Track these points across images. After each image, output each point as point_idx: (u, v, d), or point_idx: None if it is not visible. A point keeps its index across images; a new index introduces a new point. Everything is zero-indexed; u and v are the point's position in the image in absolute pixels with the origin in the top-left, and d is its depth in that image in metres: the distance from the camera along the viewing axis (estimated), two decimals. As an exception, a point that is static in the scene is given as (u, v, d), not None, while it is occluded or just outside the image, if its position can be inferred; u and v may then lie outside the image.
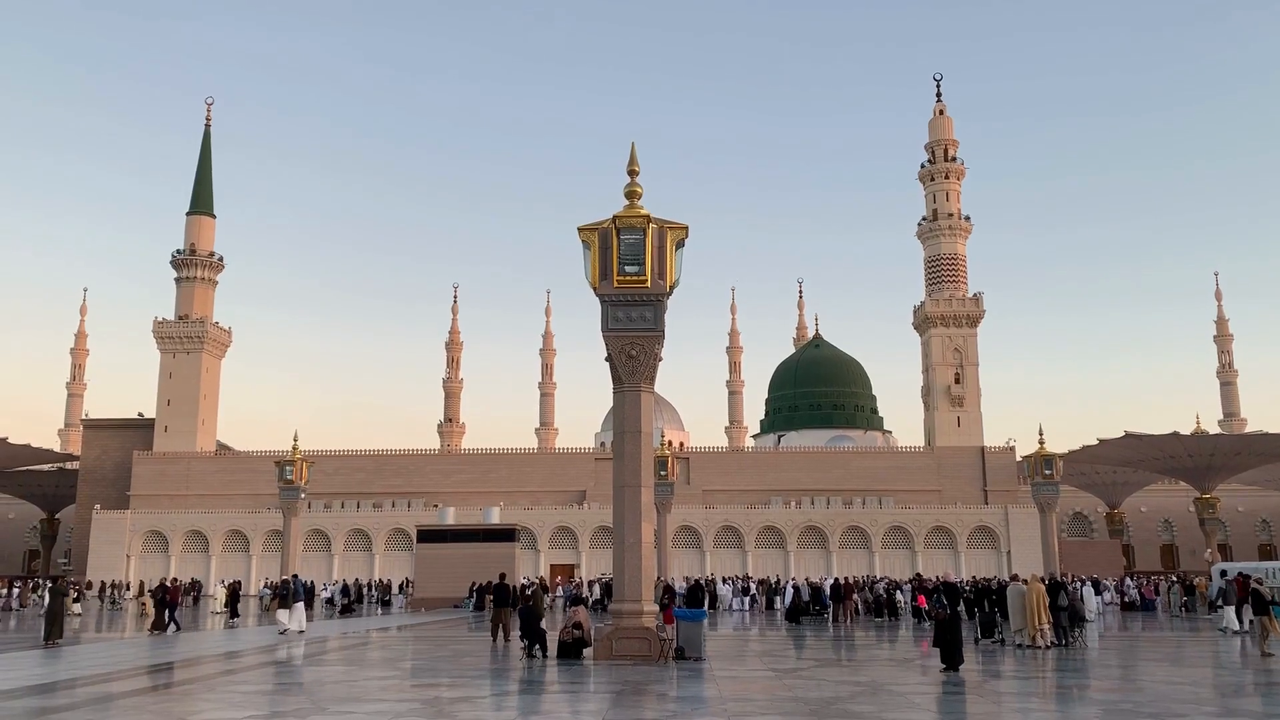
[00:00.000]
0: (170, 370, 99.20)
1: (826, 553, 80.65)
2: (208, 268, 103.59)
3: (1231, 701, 15.72)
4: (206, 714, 13.71)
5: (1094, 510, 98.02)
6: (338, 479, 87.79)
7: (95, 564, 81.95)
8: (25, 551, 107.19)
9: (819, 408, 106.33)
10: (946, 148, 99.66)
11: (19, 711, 13.98)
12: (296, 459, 52.41)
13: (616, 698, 15.22)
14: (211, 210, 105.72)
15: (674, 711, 14.18)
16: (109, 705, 15.09)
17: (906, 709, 14.13)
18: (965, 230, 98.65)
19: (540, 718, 13.94)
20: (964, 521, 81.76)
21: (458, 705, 14.59)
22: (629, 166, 22.94)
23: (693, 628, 21.93)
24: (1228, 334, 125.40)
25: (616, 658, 20.43)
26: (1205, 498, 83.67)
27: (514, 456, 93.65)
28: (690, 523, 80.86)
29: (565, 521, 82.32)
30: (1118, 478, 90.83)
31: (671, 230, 21.99)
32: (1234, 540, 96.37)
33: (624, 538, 21.56)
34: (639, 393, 21.93)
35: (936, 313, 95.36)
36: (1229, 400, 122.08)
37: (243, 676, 19.39)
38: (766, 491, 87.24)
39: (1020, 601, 25.36)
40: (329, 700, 14.87)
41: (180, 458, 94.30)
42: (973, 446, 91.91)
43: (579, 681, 17.80)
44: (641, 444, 21.78)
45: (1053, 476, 51.49)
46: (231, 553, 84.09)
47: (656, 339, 21.92)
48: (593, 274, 21.79)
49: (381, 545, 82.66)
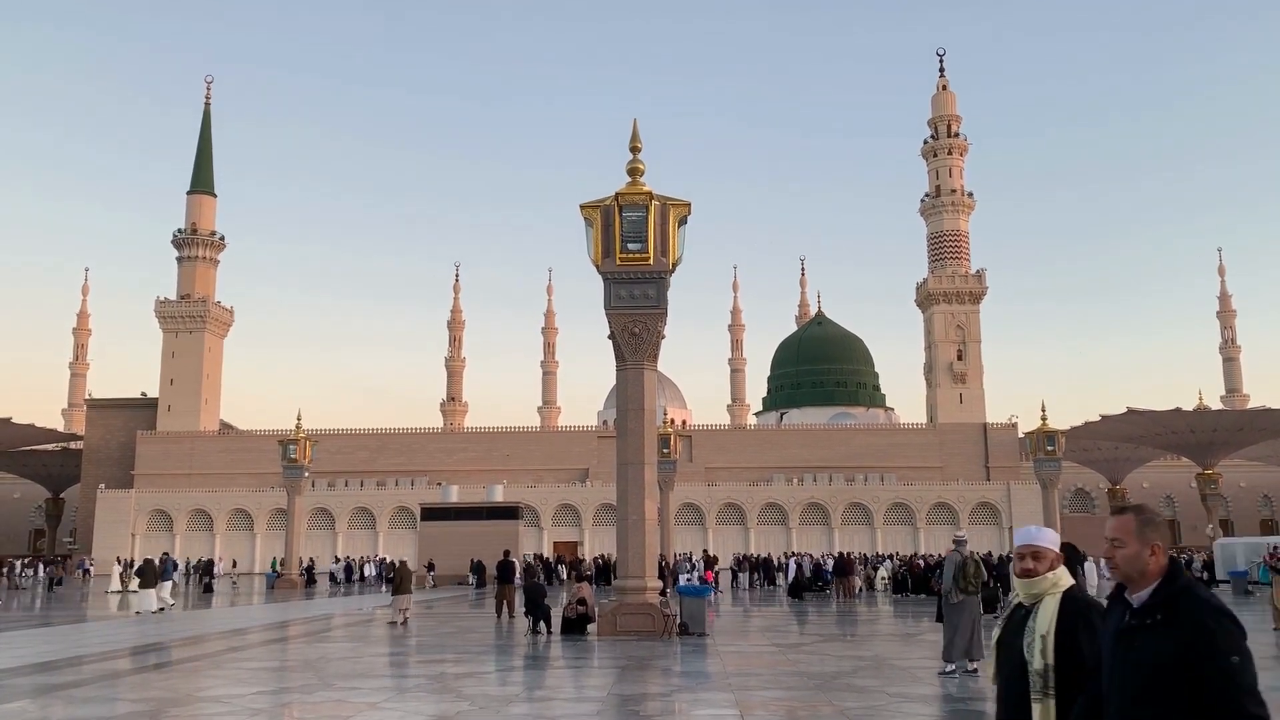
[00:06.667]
0: (173, 350, 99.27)
1: (829, 529, 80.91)
2: (209, 247, 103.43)
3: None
4: (213, 690, 13.81)
5: (1096, 486, 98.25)
6: (341, 458, 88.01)
7: (100, 543, 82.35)
8: (31, 531, 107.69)
9: (821, 385, 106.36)
10: (949, 123, 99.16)
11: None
12: (300, 438, 52.55)
13: (621, 673, 15.30)
14: (212, 189, 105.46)
15: (678, 686, 14.26)
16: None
17: (910, 683, 14.19)
18: (968, 206, 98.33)
19: (545, 693, 14.01)
20: (966, 498, 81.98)
21: (463, 680, 14.66)
22: (631, 143, 22.82)
23: (696, 603, 22.04)
24: (1230, 309, 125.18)
25: (620, 633, 20.52)
26: (1207, 473, 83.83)
27: (517, 435, 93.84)
28: (693, 500, 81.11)
29: (568, 499, 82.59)
30: (1120, 454, 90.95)
31: (674, 207, 21.91)
32: (1236, 516, 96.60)
33: (627, 515, 21.62)
34: (642, 370, 21.92)
35: (939, 289, 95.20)
36: (1231, 376, 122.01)
37: (251, 653, 19.51)
38: (769, 469, 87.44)
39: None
40: (335, 677, 14.95)
41: (184, 437, 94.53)
42: (975, 423, 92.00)
43: (583, 657, 17.89)
44: (644, 421, 21.79)
45: (1055, 453, 51.55)
46: (236, 531, 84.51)
47: (659, 316, 21.88)
48: (595, 251, 21.73)
49: (385, 523, 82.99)
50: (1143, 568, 3.44)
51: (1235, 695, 3.14)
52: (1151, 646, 3.29)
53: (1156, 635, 3.29)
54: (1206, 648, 3.19)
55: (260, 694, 13.35)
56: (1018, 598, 4.10)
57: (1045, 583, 3.96)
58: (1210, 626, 3.23)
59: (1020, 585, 4.08)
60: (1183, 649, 3.21)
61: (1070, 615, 3.86)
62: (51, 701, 12.63)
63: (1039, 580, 3.97)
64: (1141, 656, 3.30)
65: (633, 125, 23.02)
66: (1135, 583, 3.46)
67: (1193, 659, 3.19)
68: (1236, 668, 3.17)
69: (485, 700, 12.67)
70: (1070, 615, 3.86)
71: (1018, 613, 4.04)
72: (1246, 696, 3.14)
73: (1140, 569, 3.45)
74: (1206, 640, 3.20)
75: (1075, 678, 3.72)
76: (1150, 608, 3.37)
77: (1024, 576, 4.03)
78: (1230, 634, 3.22)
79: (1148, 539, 3.46)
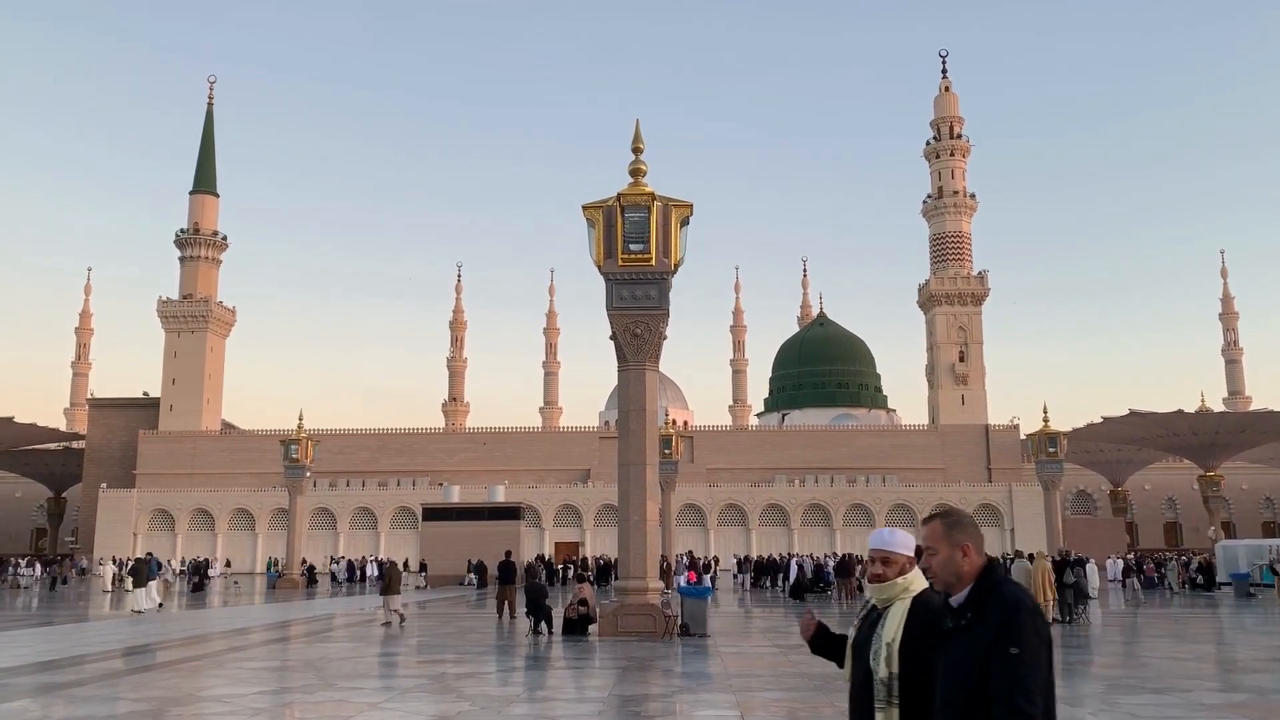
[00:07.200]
0: (175, 349, 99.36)
1: (830, 530, 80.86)
2: (211, 247, 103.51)
3: (1237, 677, 15.77)
4: (214, 689, 13.81)
5: (1098, 488, 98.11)
6: (342, 458, 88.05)
7: (102, 542, 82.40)
8: (33, 530, 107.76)
9: (823, 386, 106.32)
10: (952, 125, 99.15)
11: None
12: (301, 438, 52.54)
13: (622, 673, 15.29)
14: (215, 189, 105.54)
15: (679, 687, 14.25)
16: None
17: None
18: (970, 208, 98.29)
19: (546, 693, 14.01)
20: (968, 499, 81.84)
21: (464, 681, 14.66)
22: (634, 144, 22.80)
23: (697, 604, 22.03)
24: (1233, 312, 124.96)
25: (622, 634, 20.52)
26: (1209, 475, 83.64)
27: (518, 435, 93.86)
28: (695, 501, 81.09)
29: (569, 500, 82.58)
30: (1122, 456, 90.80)
31: (676, 208, 21.89)
32: (1238, 518, 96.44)
33: (629, 515, 21.61)
34: (643, 371, 21.91)
35: (941, 291, 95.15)
36: (1234, 378, 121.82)
37: (251, 653, 19.51)
38: (770, 470, 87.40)
39: (1025, 579, 25.38)
40: (336, 677, 14.95)
41: (186, 437, 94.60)
42: (977, 424, 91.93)
43: (584, 657, 17.89)
44: (646, 422, 21.78)
45: (1057, 454, 51.46)
46: (237, 531, 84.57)
47: (661, 317, 21.86)
48: (597, 252, 21.72)
49: (387, 523, 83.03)
50: (957, 571, 3.45)
51: (1007, 685, 3.13)
52: (967, 647, 3.29)
53: (971, 635, 3.30)
54: (1000, 641, 3.19)
55: (261, 694, 13.36)
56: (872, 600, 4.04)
57: (896, 588, 3.88)
58: (1004, 619, 3.23)
59: (870, 590, 4.03)
60: (984, 647, 3.22)
61: (918, 622, 3.74)
62: (53, 701, 12.63)
63: (889, 585, 3.89)
64: (958, 657, 3.31)
65: (635, 126, 23.01)
66: (953, 586, 3.46)
67: (990, 653, 3.20)
68: (1014, 659, 3.15)
69: (486, 700, 12.68)
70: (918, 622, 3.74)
71: (872, 614, 3.96)
72: (1017, 688, 3.12)
73: (955, 572, 3.45)
74: (1001, 634, 3.20)
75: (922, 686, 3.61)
76: (963, 608, 3.39)
77: (874, 581, 3.97)
78: (1020, 625, 3.21)
79: (956, 541, 3.47)
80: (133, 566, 35.54)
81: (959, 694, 3.27)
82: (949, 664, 3.36)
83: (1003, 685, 3.13)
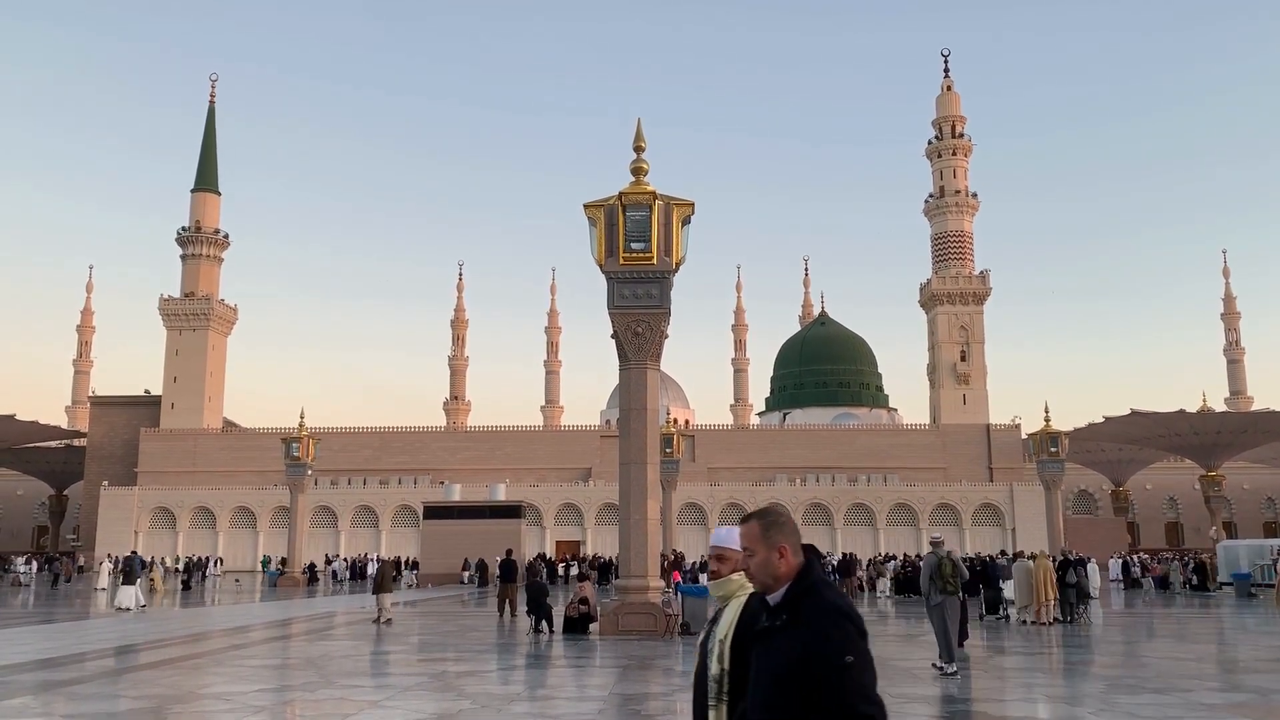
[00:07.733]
0: (176, 347, 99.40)
1: (831, 530, 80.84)
2: (213, 245, 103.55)
3: (1237, 677, 15.76)
4: (215, 687, 13.82)
5: (1099, 488, 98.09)
6: (344, 456, 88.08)
7: (104, 540, 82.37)
8: (34, 528, 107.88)
9: (824, 385, 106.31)
10: (954, 124, 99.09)
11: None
12: (303, 436, 52.60)
13: (622, 672, 15.30)
14: (216, 187, 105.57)
15: (680, 686, 14.25)
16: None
17: (911, 683, 14.17)
18: (972, 207, 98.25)
19: (547, 691, 14.02)
20: (969, 499, 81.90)
21: (464, 679, 14.68)
22: (635, 142, 22.77)
23: (698, 603, 22.04)
24: (1235, 311, 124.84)
25: (622, 632, 20.54)
26: (1211, 475, 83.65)
27: (519, 434, 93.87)
28: (695, 500, 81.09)
29: (570, 498, 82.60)
30: (1123, 455, 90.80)
31: (678, 207, 21.89)
32: (1239, 518, 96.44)
33: (630, 514, 21.62)
34: (645, 370, 21.91)
35: (943, 290, 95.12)
36: (1235, 378, 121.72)
37: (251, 651, 19.52)
38: (771, 469, 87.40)
39: (1026, 578, 25.39)
40: (337, 674, 14.97)
41: (187, 435, 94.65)
42: (978, 424, 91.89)
43: (585, 656, 17.90)
44: (647, 421, 21.78)
45: (1058, 454, 51.51)
46: (239, 529, 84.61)
47: (662, 316, 21.86)
48: (599, 251, 21.71)
49: (388, 521, 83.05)
50: (774, 572, 3.42)
51: (847, 695, 3.13)
52: (781, 648, 3.27)
53: (786, 636, 3.28)
54: (821, 648, 3.17)
55: (262, 691, 13.37)
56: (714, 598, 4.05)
57: (732, 584, 3.84)
58: (825, 627, 3.21)
59: (709, 588, 4.02)
60: (801, 649, 3.21)
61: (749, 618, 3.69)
62: (54, 698, 12.65)
63: (725, 582, 3.86)
64: (773, 658, 3.30)
65: (637, 125, 22.98)
66: (771, 588, 3.45)
67: (809, 659, 3.18)
68: (849, 667, 3.15)
69: (487, 699, 12.68)
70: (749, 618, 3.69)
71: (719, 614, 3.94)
72: (858, 696, 3.13)
73: (772, 573, 3.43)
74: (821, 641, 3.19)
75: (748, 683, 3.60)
76: (779, 609, 3.37)
77: (711, 579, 3.97)
78: (846, 633, 3.21)
79: (774, 542, 3.45)
80: (124, 564, 35.68)
81: (770, 694, 3.27)
82: (762, 664, 3.35)
83: (843, 695, 3.13)
